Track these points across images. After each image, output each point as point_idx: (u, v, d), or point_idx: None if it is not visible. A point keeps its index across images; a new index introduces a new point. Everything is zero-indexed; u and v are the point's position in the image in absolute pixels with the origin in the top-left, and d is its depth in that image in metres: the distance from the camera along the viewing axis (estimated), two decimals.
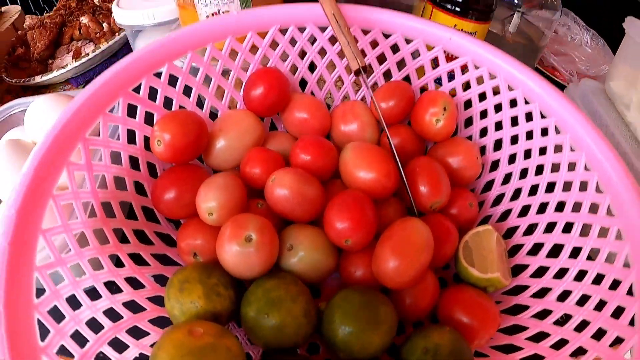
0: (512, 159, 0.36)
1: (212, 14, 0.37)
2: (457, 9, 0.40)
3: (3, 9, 0.70)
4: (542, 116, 0.33)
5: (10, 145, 0.34)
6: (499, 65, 0.33)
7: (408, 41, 0.35)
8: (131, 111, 0.30)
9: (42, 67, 0.58)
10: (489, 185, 0.37)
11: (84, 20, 0.59)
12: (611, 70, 0.47)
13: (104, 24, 0.58)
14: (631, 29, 0.43)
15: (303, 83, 0.38)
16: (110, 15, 0.61)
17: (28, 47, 0.61)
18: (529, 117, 0.34)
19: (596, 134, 0.28)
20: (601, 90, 0.47)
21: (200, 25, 0.32)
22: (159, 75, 0.31)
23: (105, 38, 0.56)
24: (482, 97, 0.36)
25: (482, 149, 0.37)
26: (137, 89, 0.30)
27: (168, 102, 0.33)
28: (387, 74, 0.38)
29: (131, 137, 0.31)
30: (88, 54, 0.52)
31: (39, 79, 0.51)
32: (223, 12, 0.37)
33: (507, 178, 0.36)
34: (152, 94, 0.31)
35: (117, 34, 0.56)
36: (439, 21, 0.41)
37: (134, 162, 0.31)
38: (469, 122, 0.38)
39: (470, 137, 0.38)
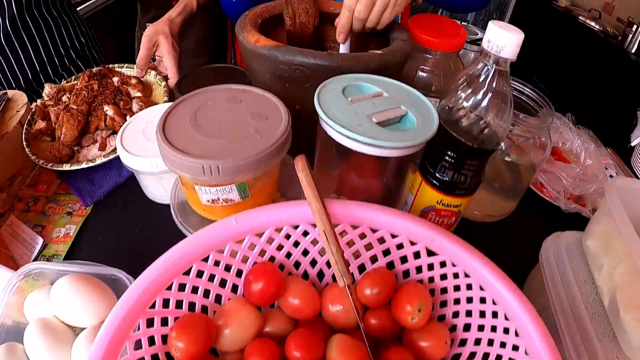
0: (477, 342, 0.40)
1: (212, 200, 0.40)
2: (443, 177, 0.43)
3: (9, 93, 0.73)
4: (506, 318, 0.37)
5: (42, 327, 0.38)
6: (474, 268, 0.37)
7: (393, 235, 0.39)
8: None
9: (69, 151, 0.62)
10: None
11: (109, 112, 0.63)
12: (590, 227, 0.48)
13: (127, 117, 0.62)
14: (611, 196, 0.45)
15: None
16: (131, 102, 0.64)
17: (49, 119, 0.64)
18: (495, 314, 0.38)
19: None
20: (579, 244, 0.50)
21: (203, 237, 0.36)
22: (169, 287, 0.35)
23: None
24: (457, 287, 0.40)
25: (453, 327, 0.41)
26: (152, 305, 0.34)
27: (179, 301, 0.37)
28: (373, 257, 0.42)
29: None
30: (115, 150, 0.57)
31: (67, 167, 0.58)
32: (222, 200, 0.40)
33: (471, 356, 0.40)
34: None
35: None
36: (426, 195, 0.44)
37: None
38: (444, 302, 0.42)
39: (443, 316, 0.42)
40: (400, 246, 0.39)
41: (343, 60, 0.40)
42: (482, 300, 0.38)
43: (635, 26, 2.04)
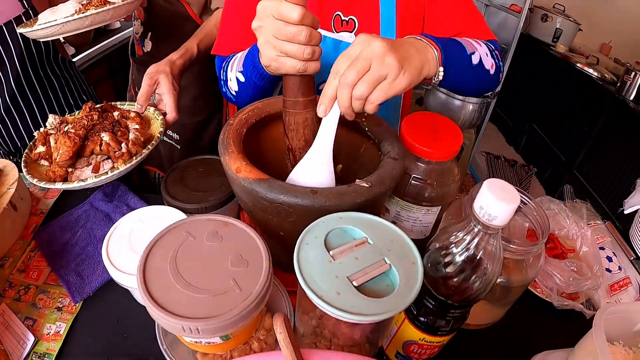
0: None
1: (195, 342, 0.39)
2: (425, 320, 0.42)
3: (1, 164, 0.73)
4: None
5: None
6: None
7: None
8: None
9: (63, 172, 0.62)
10: None
11: (105, 138, 0.63)
12: (575, 350, 0.47)
13: (123, 145, 0.62)
14: (597, 331, 0.43)
15: None
16: (128, 133, 0.65)
17: (49, 145, 0.66)
18: None
19: None
20: None
21: None
22: None
23: (122, 159, 0.61)
24: None
25: None
26: None
27: None
28: None
29: None
30: (107, 172, 0.59)
31: (60, 185, 0.59)
32: (205, 342, 0.39)
33: None
34: None
35: (134, 157, 0.61)
36: (409, 331, 0.42)
37: None
38: None
39: None
40: None
41: (327, 199, 0.40)
42: None
43: (633, 73, 2.05)
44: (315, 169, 0.48)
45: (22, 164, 0.64)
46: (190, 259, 0.38)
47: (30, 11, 0.84)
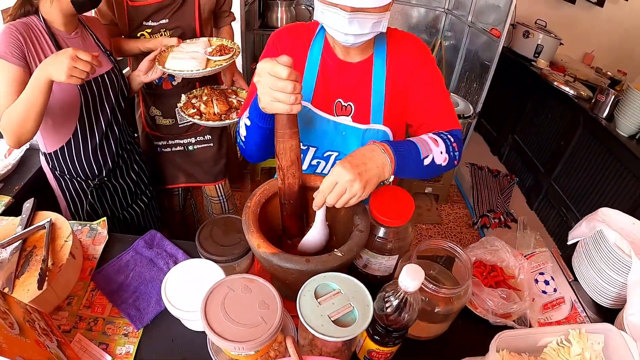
0: None
1: (236, 356, 0.68)
2: (377, 337, 0.71)
3: (52, 217, 1.01)
4: None
5: None
6: None
7: None
8: None
9: (217, 117, 1.48)
10: None
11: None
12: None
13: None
14: (491, 350, 0.73)
15: None
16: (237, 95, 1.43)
17: (194, 107, 1.52)
18: None
19: None
20: None
21: None
22: None
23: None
24: None
25: None
26: None
27: None
28: None
29: None
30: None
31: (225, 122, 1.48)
32: (243, 355, 0.68)
33: None
34: None
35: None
36: (368, 343, 0.72)
37: None
38: None
39: None
40: None
41: (315, 265, 0.69)
42: None
43: (606, 92, 2.36)
44: (314, 235, 0.79)
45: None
46: (233, 304, 0.67)
47: (115, 65, 1.32)
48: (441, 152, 0.88)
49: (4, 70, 1.06)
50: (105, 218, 1.09)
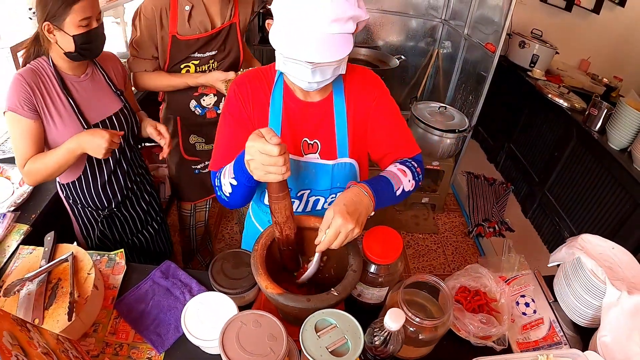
0: None
1: None
2: None
3: (73, 250, 1.15)
4: None
5: None
6: None
7: None
8: None
9: None
10: None
11: None
12: None
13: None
14: None
15: None
16: None
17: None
18: None
19: None
20: None
21: None
22: None
23: None
24: None
25: None
26: None
27: None
28: None
29: None
30: None
31: None
32: None
33: None
34: None
35: None
36: None
37: None
38: None
39: None
40: None
41: (315, 304, 0.84)
42: None
43: (599, 106, 2.50)
44: (312, 273, 0.96)
45: None
46: (245, 336, 0.82)
47: (126, 104, 1.41)
48: (409, 180, 1.03)
49: (18, 123, 1.18)
50: (122, 250, 1.23)
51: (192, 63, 1.61)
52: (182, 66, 1.62)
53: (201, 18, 1.54)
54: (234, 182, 0.95)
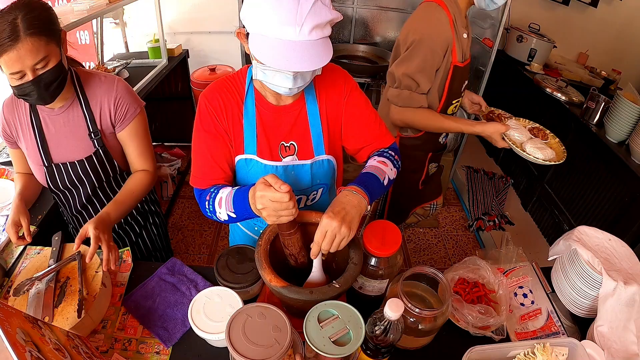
0: None
1: None
2: (369, 352, 0.90)
3: (81, 249, 1.17)
4: None
5: None
6: None
7: None
8: None
9: None
10: None
11: None
12: None
13: None
14: None
15: None
16: None
17: None
18: None
19: None
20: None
21: None
22: None
23: None
24: None
25: None
26: None
27: None
28: None
29: None
30: None
31: None
32: None
33: None
34: None
35: None
36: (363, 357, 0.91)
37: None
38: None
39: None
40: None
41: (318, 296, 0.87)
42: None
43: (597, 99, 2.52)
44: (316, 278, 0.99)
45: None
46: (251, 328, 0.85)
47: (100, 150, 1.26)
48: (391, 169, 1.10)
49: (7, 147, 1.31)
50: (129, 248, 1.27)
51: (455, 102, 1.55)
52: (453, 101, 1.56)
53: (465, 45, 1.49)
54: (233, 215, 1.00)
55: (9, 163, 1.62)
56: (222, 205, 1.00)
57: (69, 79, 1.18)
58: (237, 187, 1.00)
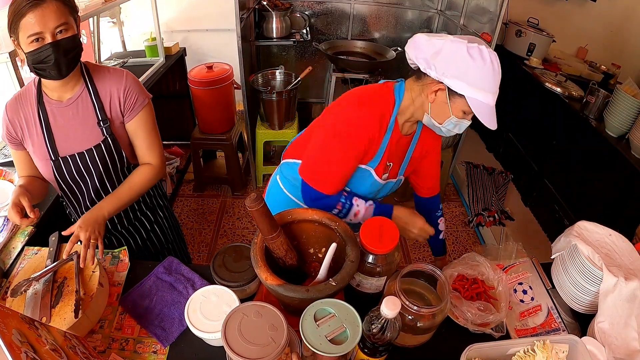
0: None
1: None
2: (367, 350, 0.89)
3: (78, 249, 1.14)
4: None
5: None
6: None
7: None
8: None
9: None
10: None
11: None
12: None
13: None
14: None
15: None
16: None
17: None
18: None
19: None
20: None
21: None
22: None
23: None
24: None
25: None
26: None
27: None
28: None
29: None
30: None
31: None
32: None
33: None
34: None
35: None
36: (360, 355, 0.90)
37: None
38: None
39: None
40: None
41: (314, 293, 0.86)
42: None
43: (596, 93, 2.50)
44: (323, 277, 0.98)
45: None
46: (247, 327, 0.84)
47: (109, 138, 1.24)
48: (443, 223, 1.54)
49: (11, 150, 1.27)
50: (125, 247, 1.26)
51: None
52: None
53: None
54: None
55: (8, 164, 1.61)
56: (358, 216, 1.25)
57: (79, 69, 1.19)
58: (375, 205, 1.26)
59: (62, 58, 1.06)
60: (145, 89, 1.32)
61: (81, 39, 1.14)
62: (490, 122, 1.11)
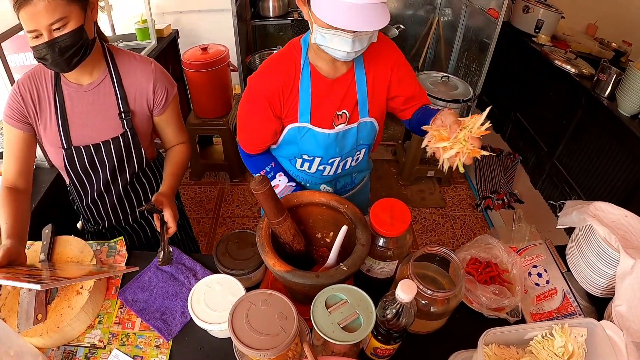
0: None
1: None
2: (381, 337, 0.87)
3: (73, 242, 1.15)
4: None
5: None
6: None
7: None
8: None
9: None
10: None
11: None
12: (474, 354, 0.93)
13: None
14: (479, 346, 0.89)
15: None
16: None
17: None
18: None
19: None
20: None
21: None
22: None
23: None
24: None
25: None
26: None
27: None
28: None
29: None
30: None
31: None
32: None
33: None
34: None
35: None
36: (373, 343, 0.88)
37: None
38: None
39: None
40: None
41: (324, 280, 0.85)
42: None
43: (608, 72, 2.47)
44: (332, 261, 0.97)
45: None
46: (255, 316, 0.82)
47: (129, 132, 1.21)
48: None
49: (9, 132, 1.15)
50: (122, 237, 1.23)
51: None
52: None
53: None
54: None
55: None
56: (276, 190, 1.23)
57: (101, 54, 1.14)
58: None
59: (58, 57, 1.00)
60: (171, 77, 1.27)
61: (89, 30, 1.05)
62: (335, 19, 0.90)
